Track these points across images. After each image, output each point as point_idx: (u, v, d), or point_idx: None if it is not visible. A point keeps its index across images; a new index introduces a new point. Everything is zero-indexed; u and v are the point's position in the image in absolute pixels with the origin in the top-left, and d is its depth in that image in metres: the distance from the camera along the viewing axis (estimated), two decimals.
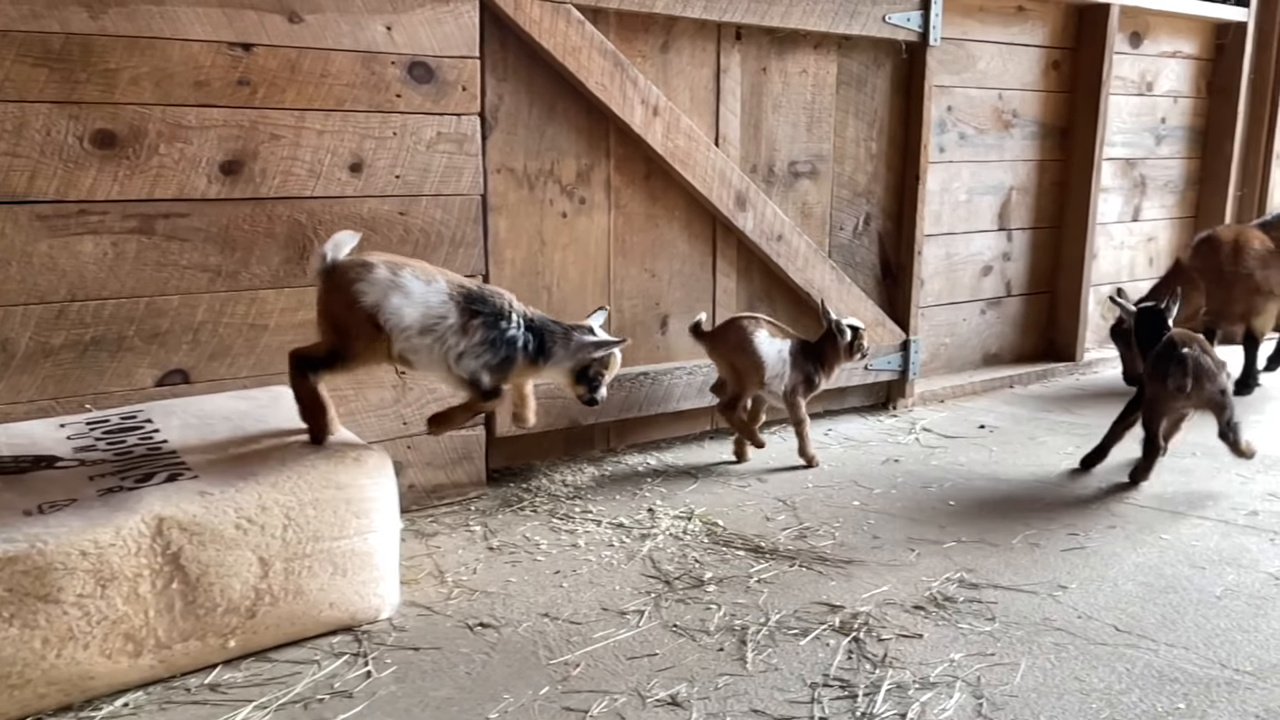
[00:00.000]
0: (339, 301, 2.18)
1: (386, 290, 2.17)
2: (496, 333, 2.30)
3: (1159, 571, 2.55)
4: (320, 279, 2.22)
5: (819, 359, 3.36)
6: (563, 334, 2.43)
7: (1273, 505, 3.01)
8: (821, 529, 2.83)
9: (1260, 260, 4.31)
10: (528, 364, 2.38)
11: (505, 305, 2.35)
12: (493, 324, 2.30)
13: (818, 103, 3.74)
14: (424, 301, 2.21)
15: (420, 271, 2.25)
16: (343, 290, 2.17)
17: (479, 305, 2.29)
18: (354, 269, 2.19)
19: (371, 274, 2.18)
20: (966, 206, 4.46)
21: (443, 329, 2.24)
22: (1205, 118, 5.38)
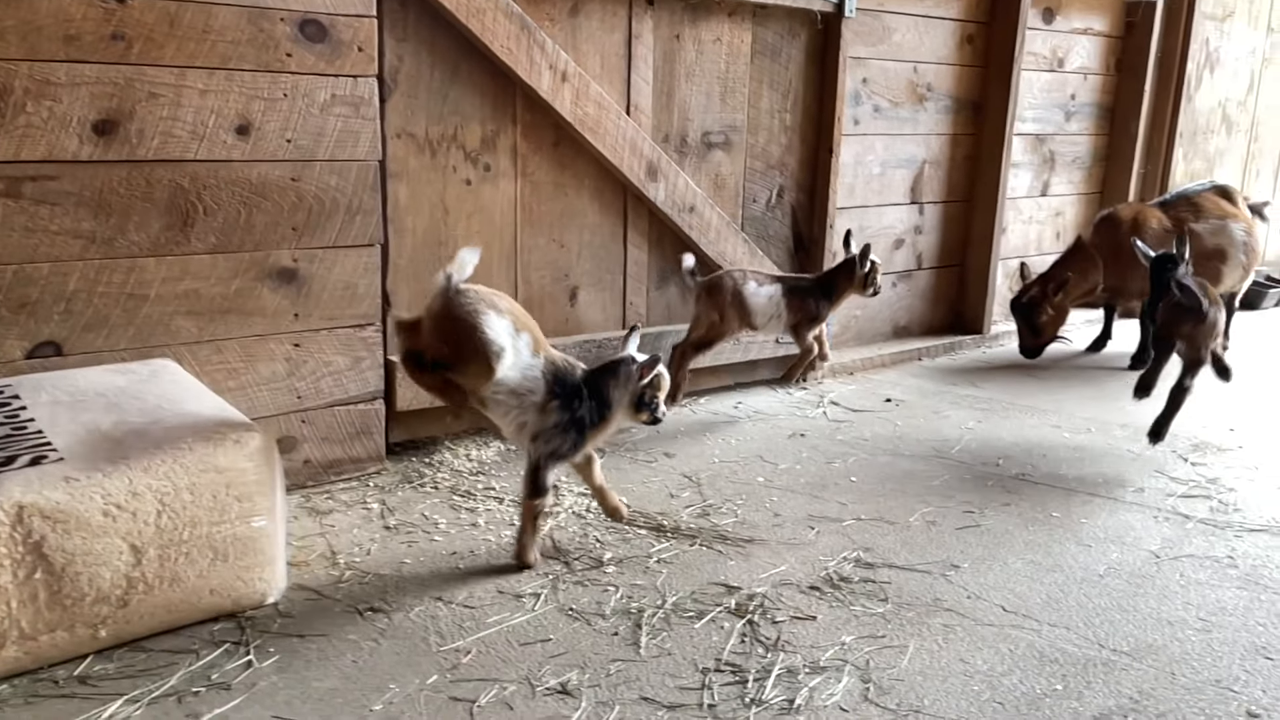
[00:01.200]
0: (459, 330, 2.20)
1: (505, 343, 2.21)
2: (569, 415, 2.32)
3: (1047, 550, 2.61)
4: (441, 298, 2.21)
5: (828, 291, 3.59)
6: (612, 374, 2.39)
7: (1157, 482, 3.11)
8: (724, 506, 2.83)
9: (1157, 239, 4.42)
10: (594, 430, 2.38)
11: (579, 381, 2.35)
12: (567, 405, 2.31)
13: (732, 72, 3.68)
14: (525, 369, 2.26)
15: (532, 340, 2.29)
16: (464, 323, 2.19)
17: (560, 386, 2.31)
18: (481, 308, 2.20)
19: (497, 321, 2.21)
20: (880, 180, 4.48)
21: (528, 402, 2.29)
22: (1113, 95, 5.48)
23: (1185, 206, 4.52)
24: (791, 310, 3.55)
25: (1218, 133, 5.90)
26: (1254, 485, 3.11)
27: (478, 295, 2.23)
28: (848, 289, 3.59)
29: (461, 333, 2.19)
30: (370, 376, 2.92)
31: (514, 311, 2.28)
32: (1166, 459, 3.33)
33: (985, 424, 3.70)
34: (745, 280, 3.50)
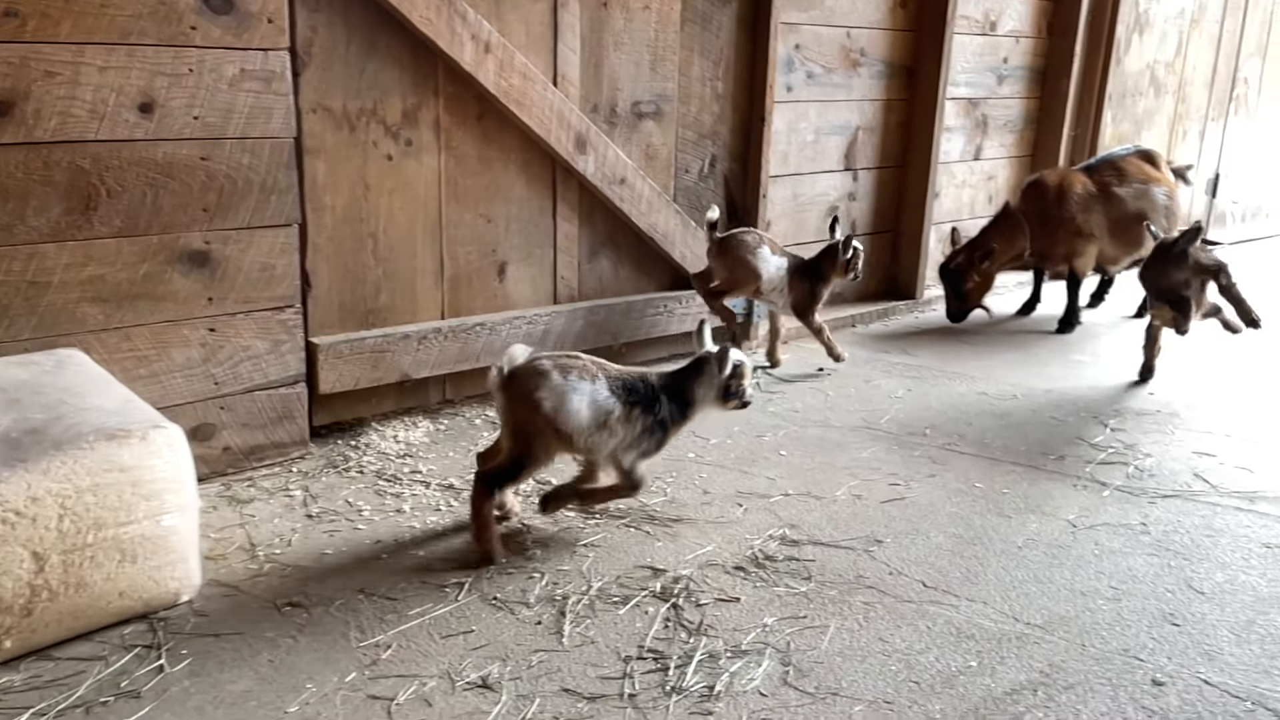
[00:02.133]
0: (523, 410, 2.28)
1: (563, 394, 2.26)
2: (652, 418, 2.39)
3: (969, 522, 2.66)
4: (499, 391, 2.30)
5: (818, 273, 3.74)
6: (696, 373, 2.47)
7: (1077, 449, 3.18)
8: (655, 485, 2.83)
9: (1082, 204, 4.49)
10: (676, 427, 2.47)
11: (654, 386, 2.43)
12: (648, 409, 2.39)
13: (661, 40, 3.62)
14: (594, 399, 2.30)
15: (583, 370, 2.33)
16: (525, 399, 2.27)
17: (634, 395, 2.37)
18: (531, 378, 2.28)
19: (548, 380, 2.26)
20: (813, 147, 4.46)
21: (611, 422, 2.33)
22: (1045, 58, 5.51)
23: (1110, 171, 4.59)
24: (793, 289, 3.72)
25: (1146, 95, 5.98)
26: (1169, 450, 3.19)
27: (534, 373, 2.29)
28: (832, 272, 3.74)
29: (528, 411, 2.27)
30: (291, 360, 2.86)
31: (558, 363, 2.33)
32: (1086, 424, 3.40)
33: (915, 392, 3.74)
34: (760, 244, 3.65)
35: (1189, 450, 3.20)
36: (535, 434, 2.29)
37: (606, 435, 2.34)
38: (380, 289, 3.11)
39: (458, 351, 3.25)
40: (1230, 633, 2.13)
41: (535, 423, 2.27)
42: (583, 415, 2.29)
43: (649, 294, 3.79)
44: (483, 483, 2.33)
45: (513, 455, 2.32)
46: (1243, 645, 2.08)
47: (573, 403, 2.27)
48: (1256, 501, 2.80)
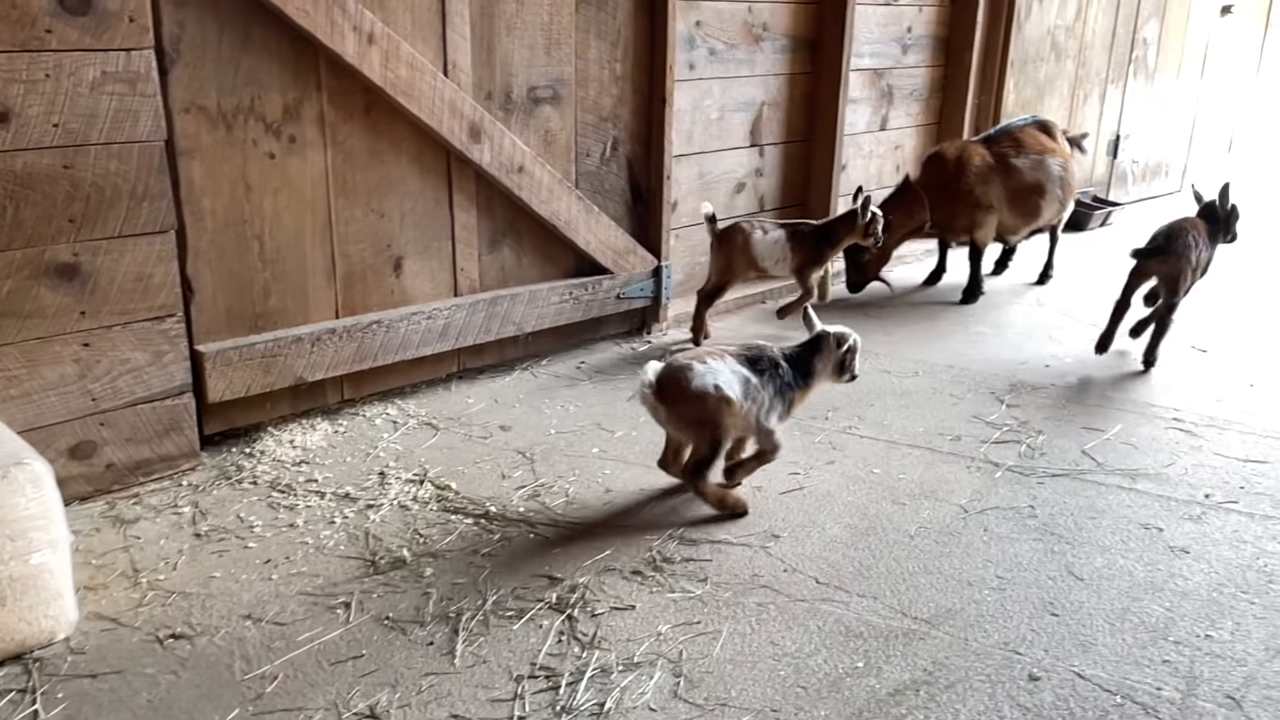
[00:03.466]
0: (687, 406, 2.49)
1: (715, 376, 2.49)
2: (780, 380, 2.61)
3: (864, 511, 2.70)
4: (656, 403, 2.51)
5: (829, 237, 3.96)
6: (816, 349, 2.69)
7: (973, 429, 3.25)
8: (557, 484, 2.82)
9: (980, 176, 4.56)
10: (799, 395, 2.67)
11: (775, 353, 2.65)
12: (774, 373, 2.61)
13: (556, 23, 3.54)
14: (735, 375, 2.52)
15: (709, 356, 2.55)
16: (684, 396, 2.48)
17: (760, 363, 2.59)
18: (680, 376, 2.49)
19: (694, 370, 2.48)
20: (719, 124, 4.44)
21: (753, 390, 2.54)
22: (948, 26, 5.54)
23: (1008, 142, 4.66)
24: (795, 253, 3.95)
25: (1048, 60, 6.07)
26: (1060, 425, 3.29)
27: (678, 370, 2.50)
28: (849, 235, 3.98)
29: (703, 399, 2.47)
30: (175, 370, 2.76)
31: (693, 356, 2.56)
32: (984, 401, 3.48)
33: None
34: (753, 229, 3.91)
35: (1079, 426, 3.29)
36: (712, 417, 2.49)
37: (752, 404, 2.55)
38: (269, 291, 3.02)
39: (355, 351, 3.17)
40: (1105, 622, 2.21)
41: (706, 409, 2.48)
42: (736, 388, 2.51)
43: (554, 282, 3.74)
44: (691, 475, 2.58)
45: (704, 442, 2.53)
46: (1116, 635, 2.16)
47: (722, 379, 2.50)
48: (1138, 479, 2.91)
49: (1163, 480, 2.90)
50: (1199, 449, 3.12)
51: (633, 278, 3.98)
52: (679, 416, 2.54)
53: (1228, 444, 3.15)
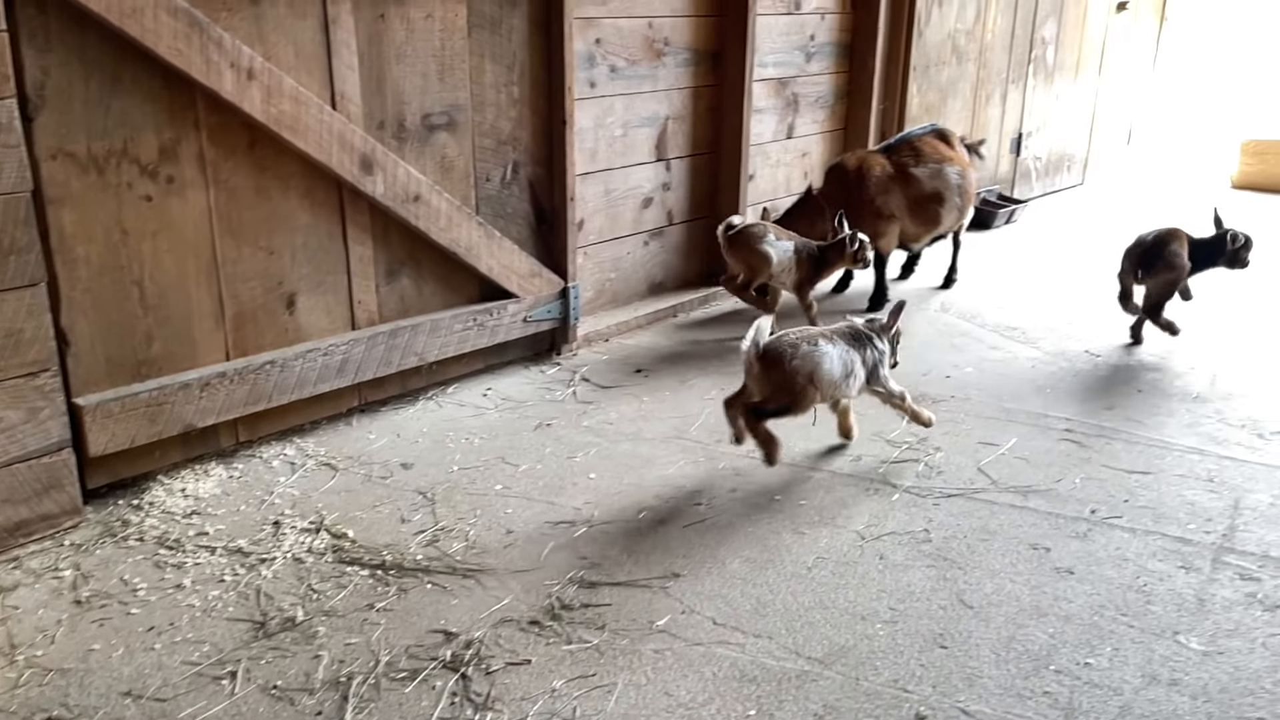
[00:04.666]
0: (780, 375, 2.86)
1: (817, 360, 2.87)
2: (877, 353, 3.04)
3: (764, 543, 2.73)
4: (755, 362, 2.86)
5: (824, 260, 4.24)
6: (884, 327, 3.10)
7: (874, 448, 3.30)
8: (458, 527, 2.79)
9: (880, 186, 4.63)
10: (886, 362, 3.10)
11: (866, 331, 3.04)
12: (872, 347, 3.03)
13: (449, 49, 3.48)
14: (839, 357, 2.92)
15: (821, 337, 2.93)
16: (780, 367, 2.85)
17: (859, 341, 3.01)
18: (785, 351, 2.87)
19: (799, 350, 2.86)
20: (623, 140, 4.42)
21: (855, 368, 2.97)
22: (851, 33, 5.60)
23: (907, 151, 4.73)
24: (799, 269, 4.21)
25: (949, 63, 6.17)
26: (958, 440, 3.36)
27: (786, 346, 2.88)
28: (838, 261, 4.24)
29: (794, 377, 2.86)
30: (52, 426, 2.66)
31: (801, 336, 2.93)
32: (885, 417, 3.53)
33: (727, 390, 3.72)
34: (767, 232, 4.17)
35: (976, 441, 3.37)
36: (799, 393, 2.88)
37: (853, 380, 2.97)
38: (152, 338, 2.92)
39: (247, 393, 3.09)
40: (991, 652, 2.27)
41: (796, 384, 2.85)
42: (835, 372, 2.91)
43: (457, 309, 3.70)
44: (754, 413, 2.90)
45: (778, 404, 2.89)
46: (1001, 666, 2.22)
47: (824, 366, 2.88)
48: (1029, 496, 2.98)
49: (1052, 497, 2.98)
50: (1088, 460, 3.21)
51: (539, 300, 3.95)
52: (768, 381, 2.89)
53: (1115, 454, 3.26)
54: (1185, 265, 4.11)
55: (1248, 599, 2.47)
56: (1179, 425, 3.47)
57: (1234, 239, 4.15)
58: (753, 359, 2.86)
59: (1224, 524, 2.82)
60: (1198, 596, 2.48)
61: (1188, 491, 3.01)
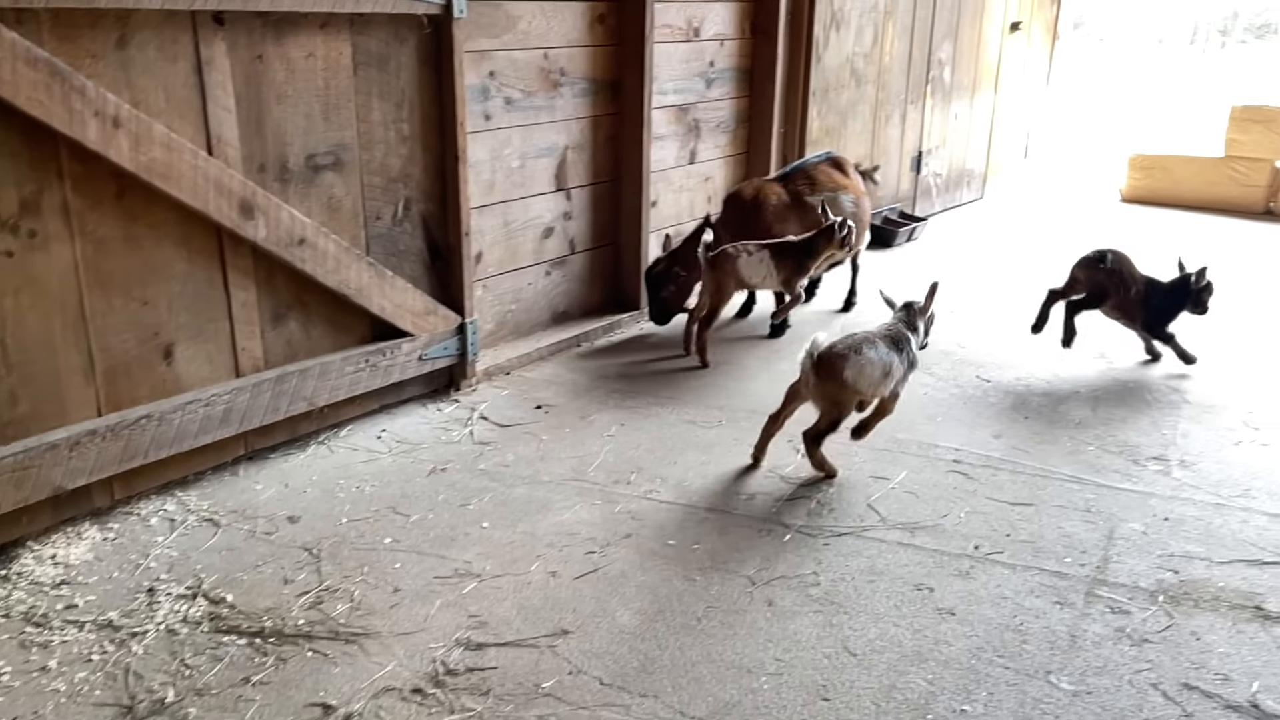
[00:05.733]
0: (833, 386, 3.17)
1: (862, 367, 3.15)
2: (913, 355, 3.32)
3: (655, 592, 2.72)
4: (811, 373, 3.17)
5: (809, 250, 4.32)
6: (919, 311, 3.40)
7: (768, 485, 3.33)
8: (343, 586, 2.73)
9: (777, 214, 4.69)
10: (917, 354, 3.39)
11: (905, 331, 3.31)
12: (908, 348, 3.29)
13: (333, 88, 3.41)
14: (880, 361, 3.18)
15: (865, 343, 3.19)
16: (835, 378, 3.15)
17: (899, 343, 3.25)
18: (836, 362, 3.15)
19: (848, 360, 3.14)
20: (521, 172, 4.39)
21: (894, 369, 3.23)
22: (751, 58, 5.65)
23: (802, 179, 4.80)
24: (781, 268, 4.34)
25: (848, 86, 6.28)
26: (850, 474, 3.40)
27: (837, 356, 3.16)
28: (828, 248, 4.33)
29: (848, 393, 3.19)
30: None
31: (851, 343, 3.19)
32: (781, 452, 3.57)
33: (628, 427, 3.80)
34: (739, 253, 4.31)
35: (867, 474, 3.42)
36: (845, 401, 3.19)
37: (889, 381, 3.24)
38: (16, 398, 2.79)
39: (121, 450, 2.98)
40: (872, 703, 2.30)
41: (845, 394, 3.17)
42: (876, 376, 3.17)
43: (348, 351, 3.62)
44: (812, 440, 3.26)
45: (830, 417, 3.21)
46: (881, 717, 2.26)
47: (868, 371, 3.14)
48: (916, 533, 3.04)
49: (938, 533, 3.05)
50: (974, 493, 3.29)
51: (435, 338, 3.90)
52: (822, 391, 3.18)
53: (1000, 486, 3.35)
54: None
55: (1117, 634, 2.56)
56: (1061, 453, 3.58)
57: (1197, 279, 4.22)
58: (809, 367, 3.16)
59: (1098, 555, 2.92)
60: (1070, 633, 2.56)
61: (1066, 523, 3.11)
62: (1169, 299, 4.32)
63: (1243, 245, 6.73)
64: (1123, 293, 4.33)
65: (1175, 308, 4.33)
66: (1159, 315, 4.35)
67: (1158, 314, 4.35)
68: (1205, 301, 4.30)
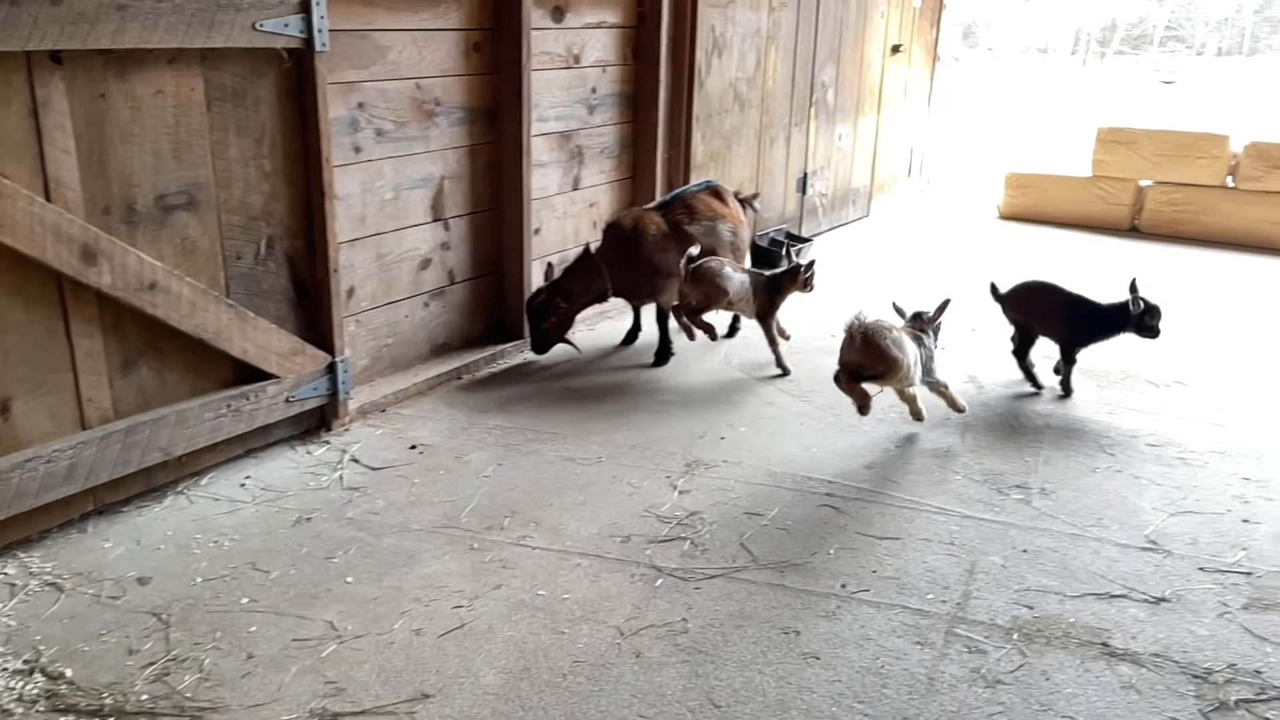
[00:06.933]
0: (878, 349, 3.78)
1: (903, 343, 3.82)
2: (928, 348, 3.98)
3: (523, 648, 2.68)
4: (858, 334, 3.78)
5: (778, 287, 4.65)
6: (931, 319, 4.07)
7: (644, 525, 3.32)
8: (192, 655, 2.61)
9: (657, 244, 4.70)
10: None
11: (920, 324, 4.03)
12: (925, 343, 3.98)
13: (185, 126, 3.27)
14: (911, 347, 3.84)
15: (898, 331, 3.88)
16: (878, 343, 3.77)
17: (921, 340, 3.94)
18: (883, 331, 3.80)
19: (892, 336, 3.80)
20: (394, 204, 4.29)
21: (919, 356, 3.88)
22: (633, 84, 5.65)
23: (681, 209, 4.82)
24: (757, 300, 4.61)
25: (732, 111, 6.34)
26: (725, 511, 3.42)
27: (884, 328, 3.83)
28: (791, 287, 4.64)
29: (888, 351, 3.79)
30: None
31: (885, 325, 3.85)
32: (659, 488, 3.57)
33: (505, 466, 3.74)
34: (722, 267, 4.55)
35: (742, 510, 3.44)
36: (892, 363, 3.78)
37: (918, 367, 3.88)
38: None
39: None
40: None
41: (889, 357, 3.77)
42: (911, 357, 3.83)
43: (207, 396, 3.47)
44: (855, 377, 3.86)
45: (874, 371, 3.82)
46: None
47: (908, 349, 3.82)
48: (786, 573, 3.07)
49: (808, 571, 3.08)
50: (844, 528, 3.34)
51: (303, 378, 3.78)
52: (868, 352, 3.78)
53: (869, 519, 3.40)
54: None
55: (972, 675, 2.62)
56: (929, 484, 3.67)
57: (1135, 305, 4.25)
58: (856, 333, 3.75)
59: (959, 591, 2.99)
60: (928, 675, 2.61)
61: (931, 557, 3.18)
62: (1097, 319, 4.39)
63: (1108, 262, 7.04)
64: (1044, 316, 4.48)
65: (1102, 330, 4.39)
66: (1080, 334, 4.44)
67: (1080, 333, 4.44)
68: (1149, 325, 4.29)
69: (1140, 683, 2.60)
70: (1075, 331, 4.46)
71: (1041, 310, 4.51)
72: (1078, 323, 4.44)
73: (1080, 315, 4.43)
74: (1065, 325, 4.47)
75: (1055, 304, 4.48)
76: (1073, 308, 4.45)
